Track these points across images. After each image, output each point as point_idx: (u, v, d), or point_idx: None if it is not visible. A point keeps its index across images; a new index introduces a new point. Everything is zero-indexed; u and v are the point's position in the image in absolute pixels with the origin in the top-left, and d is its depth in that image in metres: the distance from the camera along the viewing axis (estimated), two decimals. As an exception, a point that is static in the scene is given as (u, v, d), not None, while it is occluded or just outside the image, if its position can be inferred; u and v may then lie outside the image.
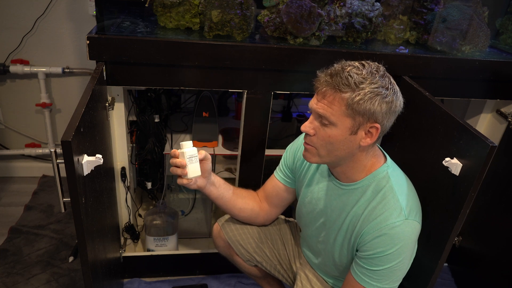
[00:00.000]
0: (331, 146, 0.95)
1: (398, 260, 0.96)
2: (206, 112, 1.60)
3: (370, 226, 0.97)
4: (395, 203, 0.97)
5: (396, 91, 0.93)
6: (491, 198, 1.57)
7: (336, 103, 0.90)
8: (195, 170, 1.08)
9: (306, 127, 0.97)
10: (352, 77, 0.89)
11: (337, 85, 0.89)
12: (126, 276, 1.62)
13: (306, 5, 1.29)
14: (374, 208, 0.98)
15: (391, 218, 0.95)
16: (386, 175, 1.01)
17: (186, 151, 1.06)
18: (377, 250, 0.96)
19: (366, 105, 0.89)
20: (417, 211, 1.00)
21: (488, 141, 0.93)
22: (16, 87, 1.99)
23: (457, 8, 1.44)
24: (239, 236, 1.29)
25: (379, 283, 0.99)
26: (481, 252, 1.62)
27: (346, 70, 0.90)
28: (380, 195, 0.99)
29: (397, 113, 0.95)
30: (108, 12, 1.26)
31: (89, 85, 1.04)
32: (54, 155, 0.91)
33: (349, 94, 0.88)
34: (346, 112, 0.90)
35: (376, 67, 0.93)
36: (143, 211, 1.84)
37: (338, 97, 0.90)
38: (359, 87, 0.88)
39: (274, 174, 1.27)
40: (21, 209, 1.97)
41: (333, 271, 1.18)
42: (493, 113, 1.62)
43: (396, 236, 0.95)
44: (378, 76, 0.91)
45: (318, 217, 1.14)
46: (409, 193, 1.01)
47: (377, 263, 0.97)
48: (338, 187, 1.06)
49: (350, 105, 0.89)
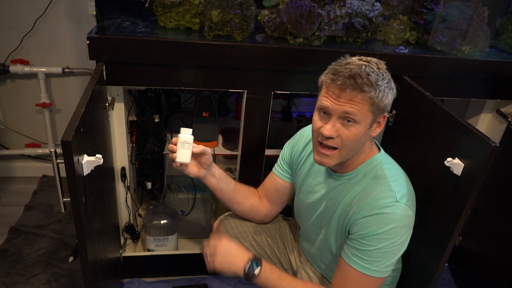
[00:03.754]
0: (354, 143, 0.98)
1: (389, 242, 0.97)
2: (206, 112, 1.60)
3: (361, 207, 0.99)
4: (387, 187, 0.99)
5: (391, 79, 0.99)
6: (491, 198, 1.57)
7: (361, 102, 0.93)
8: (184, 156, 1.10)
9: (330, 131, 0.95)
10: (372, 76, 0.92)
11: (361, 86, 0.92)
12: (126, 276, 1.62)
13: (306, 5, 1.29)
14: (366, 191, 1.01)
15: (382, 199, 0.97)
16: (379, 162, 1.04)
17: (180, 135, 1.09)
18: (368, 230, 0.97)
19: (385, 100, 0.95)
20: (409, 198, 1.01)
21: (491, 141, 0.93)
22: (16, 87, 1.99)
23: (457, 8, 1.44)
24: (238, 233, 1.29)
25: (369, 265, 0.98)
26: (481, 252, 1.62)
27: (363, 70, 0.93)
28: (373, 179, 1.02)
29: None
30: (108, 12, 1.26)
31: (89, 85, 1.04)
32: (54, 155, 0.91)
33: (373, 93, 0.92)
34: (371, 109, 0.94)
35: (376, 63, 0.98)
36: (143, 211, 1.84)
37: (362, 97, 0.93)
38: (378, 85, 0.93)
39: (273, 170, 1.29)
40: (21, 209, 1.97)
41: (332, 265, 1.18)
42: (493, 113, 1.62)
43: (386, 217, 0.96)
44: (383, 70, 0.97)
45: (316, 209, 1.15)
46: (402, 181, 1.03)
47: (367, 243, 0.98)
48: (335, 179, 1.09)
49: (375, 103, 0.93)
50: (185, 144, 1.09)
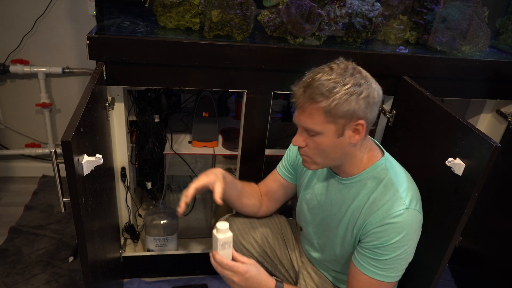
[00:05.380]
0: (323, 153, 0.98)
1: (404, 249, 0.97)
2: (206, 112, 1.60)
3: (373, 217, 0.99)
4: (396, 194, 0.98)
5: (370, 83, 0.94)
6: (491, 198, 1.57)
7: (315, 113, 0.92)
8: (227, 255, 1.00)
9: (297, 141, 0.99)
10: (324, 84, 0.90)
11: (311, 97, 0.91)
12: (126, 276, 1.62)
13: (306, 5, 1.29)
14: (375, 200, 1.00)
15: (393, 208, 0.97)
16: (384, 167, 1.03)
17: (219, 238, 0.97)
18: (382, 240, 0.97)
19: (343, 107, 0.90)
20: (417, 201, 1.01)
21: (492, 141, 0.93)
22: (16, 87, 1.99)
23: (457, 8, 1.44)
24: (240, 235, 1.29)
25: (385, 272, 0.99)
26: (481, 252, 1.62)
27: (316, 79, 0.92)
28: (380, 187, 1.01)
29: (379, 102, 0.97)
30: (108, 12, 1.26)
31: (89, 85, 1.04)
32: (54, 155, 0.91)
33: (325, 102, 0.90)
34: (327, 119, 0.92)
35: (345, 67, 0.94)
36: (143, 211, 1.84)
37: (315, 108, 0.92)
38: (332, 93, 0.90)
39: (277, 169, 1.29)
40: (21, 209, 1.97)
41: (334, 266, 1.19)
42: (493, 113, 1.62)
43: (399, 225, 0.96)
44: (348, 75, 0.92)
45: (319, 213, 1.15)
46: (408, 184, 1.03)
47: (383, 253, 0.98)
48: (338, 182, 1.08)
49: (328, 112, 0.91)
50: (226, 244, 0.98)
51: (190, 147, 1.63)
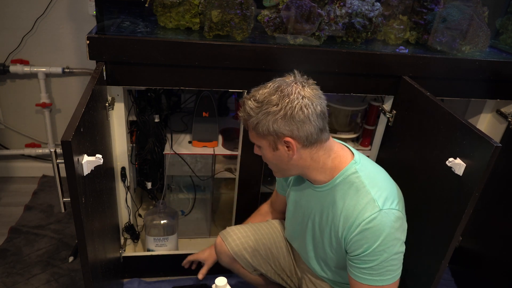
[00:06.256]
0: (272, 164, 1.06)
1: (390, 250, 0.96)
2: (206, 112, 1.60)
3: (349, 226, 0.98)
4: (367, 198, 0.97)
5: (293, 100, 0.93)
6: (491, 198, 1.57)
7: (250, 130, 1.01)
8: None
9: (255, 150, 1.07)
10: (249, 106, 0.97)
11: (244, 116, 1.00)
12: (126, 276, 1.62)
13: (306, 5, 1.29)
14: (349, 206, 0.99)
15: (366, 212, 0.96)
16: (354, 171, 1.01)
17: None
18: (365, 247, 0.97)
19: (263, 127, 0.96)
20: (394, 199, 0.99)
21: (492, 141, 0.93)
22: (16, 87, 1.99)
23: (457, 8, 1.44)
24: (244, 251, 1.29)
25: (382, 276, 0.99)
26: (481, 252, 1.62)
27: (248, 98, 0.99)
28: (352, 192, 1.00)
29: (310, 118, 0.94)
30: (108, 12, 1.26)
31: (89, 85, 1.04)
32: (54, 155, 0.91)
33: (251, 121, 0.98)
34: (257, 135, 1.00)
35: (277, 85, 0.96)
36: (143, 211, 1.84)
37: (248, 124, 1.00)
38: (255, 112, 0.96)
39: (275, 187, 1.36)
40: (21, 209, 1.97)
41: (332, 272, 1.18)
42: (493, 113, 1.62)
43: (376, 229, 0.95)
44: (276, 95, 0.94)
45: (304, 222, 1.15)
46: (382, 185, 1.01)
47: (370, 259, 0.97)
48: (314, 190, 1.09)
49: (254, 129, 0.99)
50: None
51: (190, 147, 1.63)
